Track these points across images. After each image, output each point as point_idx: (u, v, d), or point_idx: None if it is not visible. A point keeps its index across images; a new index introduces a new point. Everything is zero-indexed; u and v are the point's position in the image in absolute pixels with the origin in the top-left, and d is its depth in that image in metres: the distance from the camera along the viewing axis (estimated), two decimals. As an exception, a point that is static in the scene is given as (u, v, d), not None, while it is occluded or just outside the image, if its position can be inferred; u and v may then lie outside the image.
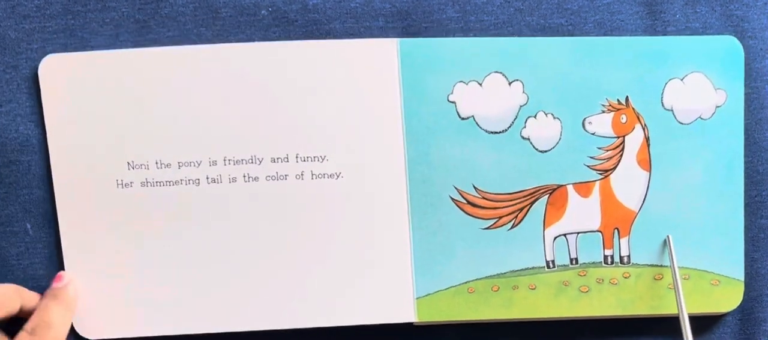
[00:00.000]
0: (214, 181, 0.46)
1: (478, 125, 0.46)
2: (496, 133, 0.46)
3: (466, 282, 0.47)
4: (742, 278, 0.48)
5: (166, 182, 0.46)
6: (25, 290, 0.46)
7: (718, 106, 0.47)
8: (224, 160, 0.46)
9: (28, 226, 0.47)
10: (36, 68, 0.45)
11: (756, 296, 0.49)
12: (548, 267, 0.47)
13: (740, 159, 0.47)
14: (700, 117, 0.47)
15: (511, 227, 0.47)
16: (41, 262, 0.47)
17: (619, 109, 0.46)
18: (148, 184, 0.46)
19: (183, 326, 0.47)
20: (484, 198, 0.47)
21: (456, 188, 0.47)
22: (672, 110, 0.47)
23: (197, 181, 0.46)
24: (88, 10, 0.46)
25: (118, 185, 0.45)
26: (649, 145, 0.47)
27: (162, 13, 0.47)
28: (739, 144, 0.47)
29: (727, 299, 0.48)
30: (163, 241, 0.46)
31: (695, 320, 0.49)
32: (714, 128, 0.47)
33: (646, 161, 0.47)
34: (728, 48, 0.47)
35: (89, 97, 0.45)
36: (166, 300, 0.47)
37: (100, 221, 0.46)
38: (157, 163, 0.46)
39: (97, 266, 0.46)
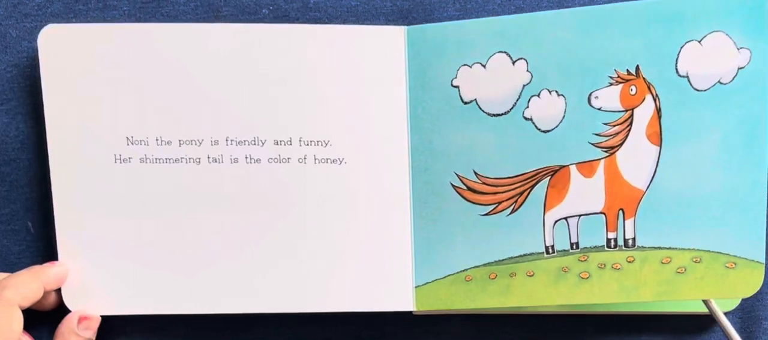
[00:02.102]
0: (215, 160, 0.46)
1: (480, 109, 0.44)
2: (497, 115, 0.44)
3: (463, 270, 0.45)
4: (763, 260, 0.43)
5: (166, 159, 0.46)
6: (42, 271, 0.45)
7: (740, 68, 0.42)
8: (226, 140, 0.46)
9: (30, 224, 0.48)
10: (37, 67, 0.46)
11: (756, 294, 0.44)
12: (547, 253, 0.44)
13: (764, 126, 0.43)
14: (719, 81, 0.43)
15: (511, 213, 0.45)
16: (42, 260, 0.48)
17: (628, 80, 0.43)
18: (147, 160, 0.46)
19: (177, 306, 0.46)
20: (484, 183, 0.44)
21: (457, 175, 0.45)
22: (687, 76, 0.43)
23: (198, 160, 0.46)
24: (90, 9, 0.48)
25: (116, 159, 0.46)
26: (660, 117, 0.43)
27: (163, 12, 0.48)
28: (763, 109, 0.43)
29: (745, 282, 0.43)
30: (161, 219, 0.46)
31: (696, 318, 0.47)
32: (734, 93, 0.43)
33: (656, 135, 0.43)
34: (753, 1, 0.42)
35: (89, 69, 0.45)
36: (161, 279, 0.46)
37: (96, 195, 0.46)
38: (157, 139, 0.46)
39: (90, 241, 0.46)
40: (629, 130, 0.44)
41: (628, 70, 0.43)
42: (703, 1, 0.43)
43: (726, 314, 0.46)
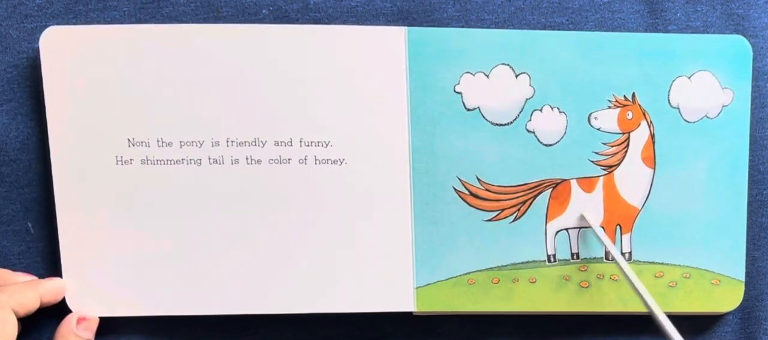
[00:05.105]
0: (216, 162, 0.45)
1: (483, 117, 0.46)
2: (501, 125, 0.46)
3: (466, 273, 0.47)
4: (743, 279, 0.48)
5: (167, 160, 0.45)
6: (41, 283, 0.45)
7: (724, 106, 0.47)
8: (227, 141, 0.45)
9: (30, 225, 0.47)
10: (37, 67, 0.44)
11: (757, 295, 0.50)
12: (549, 261, 0.47)
13: (745, 159, 0.47)
14: (706, 116, 0.47)
15: (513, 220, 0.47)
16: (42, 261, 0.47)
17: (625, 106, 0.46)
18: (149, 162, 0.45)
19: (178, 307, 0.47)
20: (487, 190, 0.46)
21: (459, 179, 0.46)
22: (678, 108, 0.47)
23: (199, 161, 0.45)
24: (90, 10, 0.46)
25: (117, 161, 0.45)
26: (654, 143, 0.47)
27: (163, 12, 0.47)
28: (744, 144, 0.47)
29: (728, 299, 0.48)
30: (162, 220, 0.46)
31: (696, 318, 0.50)
32: (719, 127, 0.47)
33: (650, 158, 0.47)
34: (736, 47, 0.47)
35: (90, 71, 0.44)
36: (162, 280, 0.46)
37: (98, 197, 0.45)
38: (158, 141, 0.45)
39: (92, 242, 0.46)
40: (626, 151, 0.47)
41: (625, 95, 0.47)
42: (692, 41, 0.47)
43: (727, 314, 0.50)
